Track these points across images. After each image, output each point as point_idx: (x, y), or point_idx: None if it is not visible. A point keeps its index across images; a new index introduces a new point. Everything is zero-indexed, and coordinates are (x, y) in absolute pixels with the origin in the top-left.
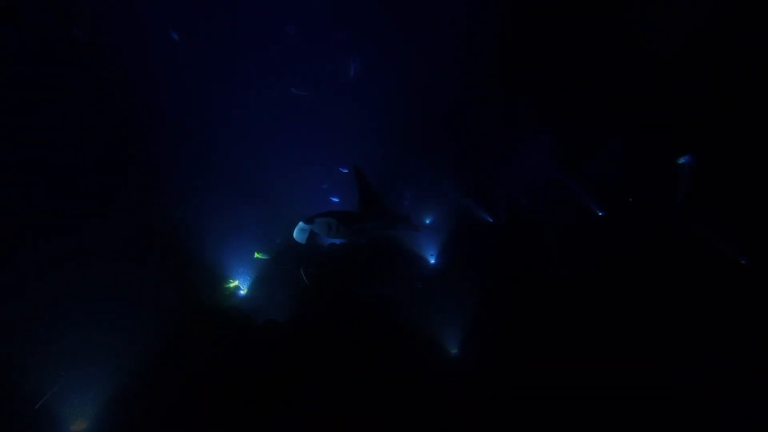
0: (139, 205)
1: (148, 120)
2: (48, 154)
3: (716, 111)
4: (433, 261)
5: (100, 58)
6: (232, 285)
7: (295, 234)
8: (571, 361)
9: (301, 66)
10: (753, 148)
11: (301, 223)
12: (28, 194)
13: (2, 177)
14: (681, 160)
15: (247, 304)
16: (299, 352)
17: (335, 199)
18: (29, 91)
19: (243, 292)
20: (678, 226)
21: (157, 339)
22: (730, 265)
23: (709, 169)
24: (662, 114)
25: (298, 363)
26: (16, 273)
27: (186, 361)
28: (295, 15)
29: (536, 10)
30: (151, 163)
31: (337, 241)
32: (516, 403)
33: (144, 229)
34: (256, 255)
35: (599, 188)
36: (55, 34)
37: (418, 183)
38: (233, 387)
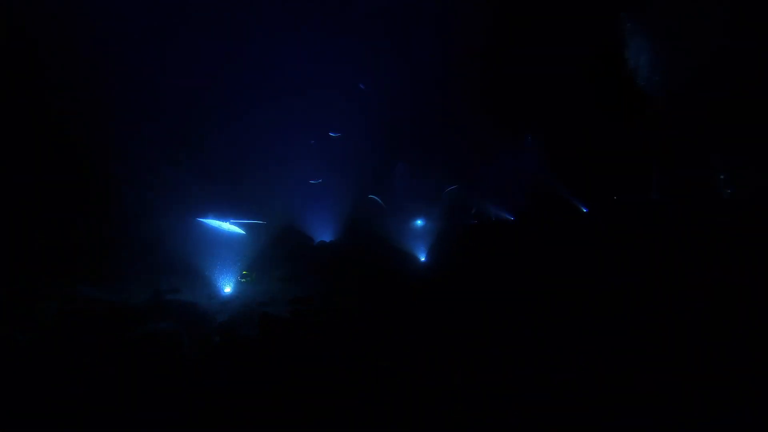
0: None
1: (144, 119)
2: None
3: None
4: (423, 259)
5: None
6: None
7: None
8: (566, 361)
9: (306, 70)
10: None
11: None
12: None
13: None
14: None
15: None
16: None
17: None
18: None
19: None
20: (658, 221)
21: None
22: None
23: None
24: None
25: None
26: None
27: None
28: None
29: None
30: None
31: (327, 240)
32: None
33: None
34: (244, 274)
35: (585, 187)
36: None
37: (410, 182)
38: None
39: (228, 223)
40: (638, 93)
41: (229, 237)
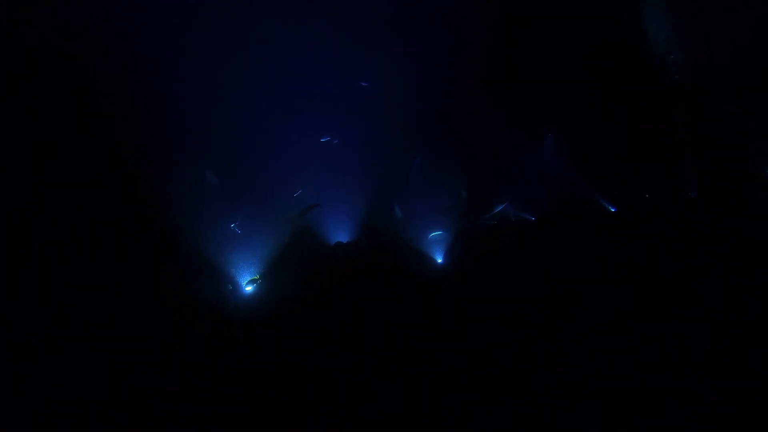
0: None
1: (154, 120)
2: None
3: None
4: (440, 261)
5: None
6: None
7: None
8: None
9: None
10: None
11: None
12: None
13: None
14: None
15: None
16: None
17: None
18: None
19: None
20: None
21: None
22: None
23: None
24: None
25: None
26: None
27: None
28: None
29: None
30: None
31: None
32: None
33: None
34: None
35: (612, 185)
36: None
37: (424, 184)
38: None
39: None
40: (667, 74)
41: (250, 237)
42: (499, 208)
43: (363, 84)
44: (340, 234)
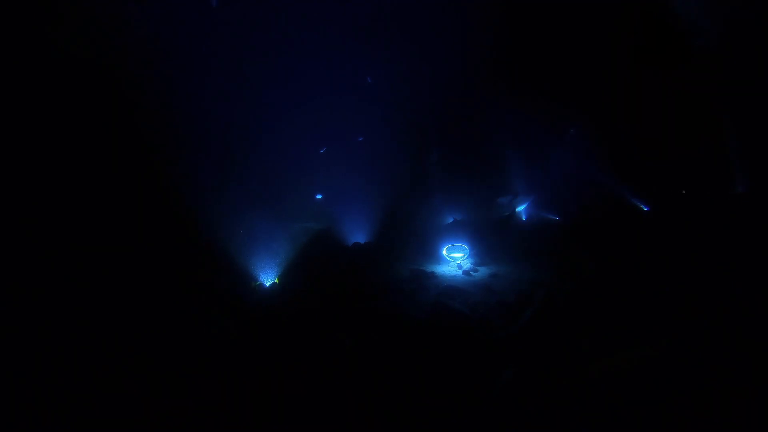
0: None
1: (175, 122)
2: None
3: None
4: (459, 262)
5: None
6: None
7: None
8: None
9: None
10: None
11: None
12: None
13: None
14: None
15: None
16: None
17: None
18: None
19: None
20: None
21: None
22: None
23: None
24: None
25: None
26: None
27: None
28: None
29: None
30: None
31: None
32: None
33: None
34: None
35: (644, 180)
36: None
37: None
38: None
39: None
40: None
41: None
42: (519, 202)
43: (368, 79)
44: (357, 235)
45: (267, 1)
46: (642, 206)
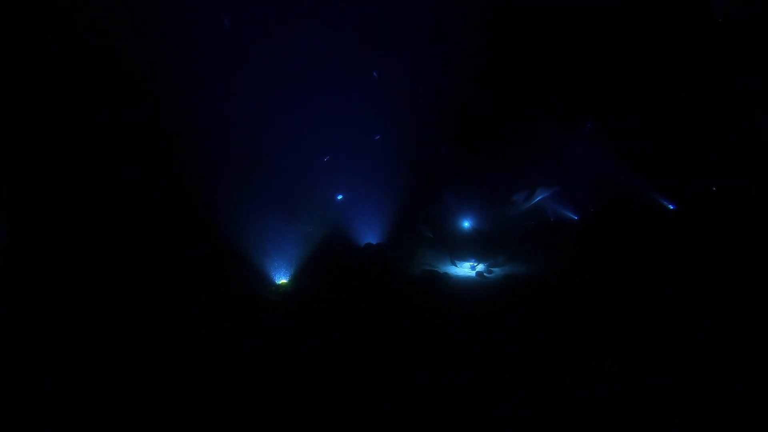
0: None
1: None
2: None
3: None
4: (473, 264)
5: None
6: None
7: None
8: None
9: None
10: None
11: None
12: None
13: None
14: None
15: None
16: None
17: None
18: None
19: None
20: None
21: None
22: None
23: None
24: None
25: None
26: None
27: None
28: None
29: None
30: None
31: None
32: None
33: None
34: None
35: (670, 176)
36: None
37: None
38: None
39: None
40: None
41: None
42: (535, 198)
43: (374, 74)
44: (369, 236)
45: (281, 5)
46: (668, 204)
